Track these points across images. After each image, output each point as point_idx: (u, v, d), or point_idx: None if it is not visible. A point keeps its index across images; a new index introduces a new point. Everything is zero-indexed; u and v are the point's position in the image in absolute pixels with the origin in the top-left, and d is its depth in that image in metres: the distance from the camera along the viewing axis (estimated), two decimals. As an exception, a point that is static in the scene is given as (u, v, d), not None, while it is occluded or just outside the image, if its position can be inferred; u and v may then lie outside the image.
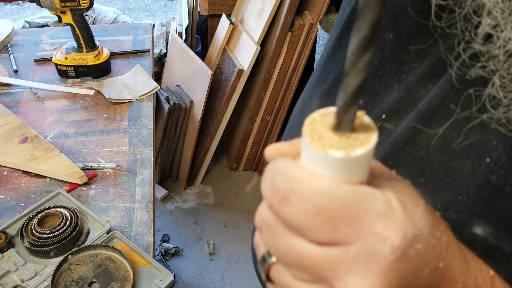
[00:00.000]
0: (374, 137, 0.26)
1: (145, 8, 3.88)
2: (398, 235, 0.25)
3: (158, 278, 0.82)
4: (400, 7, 0.42)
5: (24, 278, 0.81)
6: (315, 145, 0.26)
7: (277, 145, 0.30)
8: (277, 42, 1.86)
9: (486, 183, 0.35)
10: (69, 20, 1.25)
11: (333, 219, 0.26)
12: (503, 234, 0.35)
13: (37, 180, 1.02)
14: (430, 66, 0.40)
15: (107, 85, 1.31)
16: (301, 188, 0.26)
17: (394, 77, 0.43)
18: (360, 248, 0.26)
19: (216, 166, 2.39)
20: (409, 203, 0.27)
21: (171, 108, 1.91)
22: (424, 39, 0.40)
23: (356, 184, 0.26)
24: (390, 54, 0.43)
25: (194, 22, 2.17)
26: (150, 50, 1.48)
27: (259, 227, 0.30)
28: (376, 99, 0.44)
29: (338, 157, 0.25)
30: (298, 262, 0.28)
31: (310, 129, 0.27)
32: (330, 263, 0.26)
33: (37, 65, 1.40)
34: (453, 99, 0.37)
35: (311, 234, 0.26)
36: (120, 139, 1.13)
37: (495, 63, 0.32)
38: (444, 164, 0.38)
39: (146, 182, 1.02)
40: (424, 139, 0.39)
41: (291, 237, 0.27)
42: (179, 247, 2.00)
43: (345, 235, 0.26)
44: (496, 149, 0.34)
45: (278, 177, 0.27)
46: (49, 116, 1.21)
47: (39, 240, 0.84)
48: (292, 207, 0.26)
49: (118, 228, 0.92)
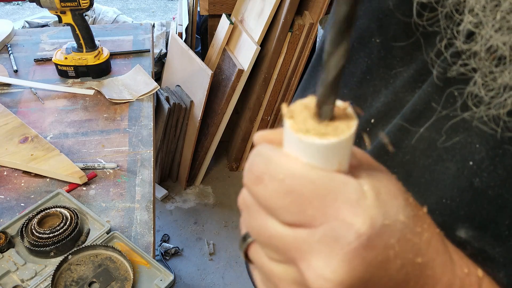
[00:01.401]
0: (353, 127, 0.27)
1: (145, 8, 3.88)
2: (365, 222, 0.26)
3: (158, 278, 0.82)
4: (386, 12, 0.42)
5: (24, 278, 0.81)
6: (293, 129, 0.27)
7: (264, 132, 0.31)
8: (277, 42, 1.86)
9: (469, 186, 0.35)
10: (69, 20, 1.25)
11: (301, 201, 0.26)
12: (485, 238, 0.35)
13: (37, 180, 1.02)
14: (416, 70, 0.40)
15: (107, 85, 1.31)
16: (274, 169, 0.27)
17: (381, 82, 0.43)
18: (325, 231, 0.26)
19: (216, 166, 2.39)
20: (386, 194, 0.28)
21: (171, 108, 1.91)
22: (410, 44, 0.40)
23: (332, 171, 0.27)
24: (377, 58, 0.43)
25: (194, 22, 2.17)
26: (150, 50, 1.48)
27: (240, 208, 0.31)
28: (365, 103, 0.45)
29: (313, 143, 0.26)
30: (269, 242, 0.28)
31: (291, 114, 0.28)
32: (297, 244, 0.27)
33: (37, 65, 1.40)
34: (437, 101, 0.37)
35: (280, 215, 0.27)
36: (120, 139, 1.13)
37: (477, 61, 0.32)
38: (429, 167, 0.38)
39: (146, 182, 1.02)
40: (409, 142, 0.39)
41: (264, 217, 0.28)
42: (179, 247, 2.00)
43: (312, 218, 0.26)
44: (479, 152, 0.35)
45: (256, 159, 0.28)
46: (49, 116, 1.21)
47: (39, 240, 0.84)
48: (263, 187, 0.27)
49: (118, 228, 0.92)
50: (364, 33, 0.45)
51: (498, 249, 0.35)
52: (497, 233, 0.34)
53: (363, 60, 0.45)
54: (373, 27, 0.43)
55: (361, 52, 0.45)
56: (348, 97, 0.46)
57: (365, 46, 0.45)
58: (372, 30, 0.44)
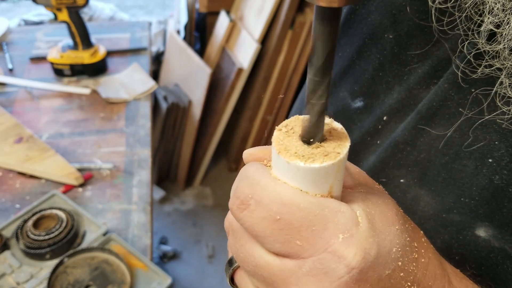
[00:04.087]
0: (344, 149, 0.26)
1: (142, 5, 3.86)
2: (357, 254, 0.24)
3: (156, 282, 0.80)
4: (400, 7, 0.41)
5: (20, 280, 0.80)
6: (280, 152, 0.26)
7: (253, 150, 0.30)
8: (277, 40, 1.85)
9: (489, 184, 0.34)
10: (65, 17, 1.23)
11: (289, 230, 0.25)
12: (506, 236, 0.34)
13: (32, 181, 1.01)
14: (431, 67, 0.39)
15: (103, 83, 1.29)
16: (261, 195, 0.25)
17: (395, 78, 0.43)
18: (314, 264, 0.25)
19: (215, 167, 2.38)
20: (381, 220, 0.26)
21: (169, 107, 1.89)
22: (425, 40, 0.39)
23: (324, 196, 0.26)
24: (390, 55, 0.43)
25: (192, 19, 2.15)
26: (148, 48, 1.47)
27: (226, 231, 0.30)
28: (377, 100, 0.44)
29: (300, 166, 0.25)
30: (255, 271, 0.27)
31: (280, 136, 0.27)
32: (284, 276, 0.26)
33: (33, 64, 1.38)
34: (454, 99, 0.37)
35: (267, 243, 0.26)
36: (117, 139, 1.12)
37: (501, 60, 0.32)
38: (446, 165, 0.37)
39: (144, 183, 1.01)
40: (425, 140, 0.38)
41: (250, 244, 0.27)
42: (177, 249, 1.98)
43: (300, 249, 0.25)
44: (499, 149, 0.34)
45: (242, 182, 0.27)
46: (45, 115, 1.19)
47: (35, 242, 0.83)
48: (249, 214, 0.26)
49: (115, 230, 0.90)
50: (377, 29, 0.44)
51: None
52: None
53: (375, 57, 0.44)
54: (386, 23, 0.43)
55: (373, 48, 0.44)
56: (359, 94, 0.45)
57: (377, 42, 0.44)
58: (385, 26, 0.43)
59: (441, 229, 0.37)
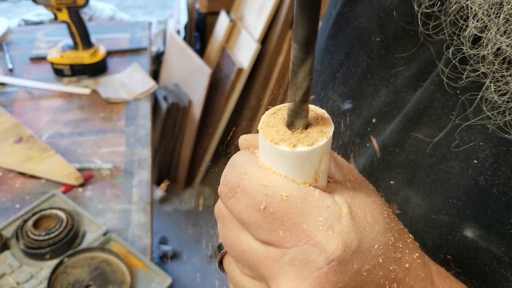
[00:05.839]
0: (328, 134, 0.26)
1: (142, 5, 3.86)
2: (337, 248, 0.25)
3: (156, 282, 0.80)
4: (387, 11, 0.42)
5: (20, 280, 0.80)
6: (266, 137, 0.26)
7: (249, 136, 0.30)
8: (277, 40, 1.85)
9: (474, 185, 0.35)
10: (65, 17, 1.23)
11: (272, 220, 0.26)
12: (491, 237, 0.35)
13: (33, 181, 1.00)
14: (418, 69, 0.40)
15: (103, 83, 1.29)
16: (247, 183, 0.26)
17: (382, 81, 0.43)
18: (296, 254, 0.25)
19: (215, 167, 2.38)
20: (365, 217, 0.27)
21: (169, 107, 1.89)
22: (411, 43, 0.40)
23: (309, 184, 0.26)
24: (377, 57, 0.43)
25: (192, 19, 2.15)
26: (148, 48, 1.47)
27: (216, 216, 0.31)
28: (365, 102, 0.44)
29: (285, 151, 0.25)
30: (241, 256, 0.28)
31: (266, 122, 0.27)
32: (267, 263, 0.27)
33: (33, 64, 1.38)
34: (440, 100, 0.37)
35: (253, 230, 0.27)
36: (117, 139, 1.12)
37: (486, 65, 0.32)
38: (434, 166, 0.37)
39: (144, 183, 1.01)
40: (413, 142, 0.39)
41: (237, 230, 0.28)
42: (177, 249, 1.98)
43: (283, 239, 0.26)
44: (483, 150, 0.34)
45: (230, 170, 0.27)
46: (45, 115, 1.19)
47: (35, 242, 0.83)
48: (236, 201, 0.26)
49: (115, 230, 0.90)
50: (364, 32, 0.44)
51: (504, 248, 0.34)
52: (502, 232, 0.34)
53: (363, 59, 0.44)
54: (373, 26, 0.43)
55: (361, 51, 0.45)
56: (348, 96, 0.46)
57: (365, 45, 0.44)
58: (372, 29, 0.43)
59: (431, 230, 0.37)
